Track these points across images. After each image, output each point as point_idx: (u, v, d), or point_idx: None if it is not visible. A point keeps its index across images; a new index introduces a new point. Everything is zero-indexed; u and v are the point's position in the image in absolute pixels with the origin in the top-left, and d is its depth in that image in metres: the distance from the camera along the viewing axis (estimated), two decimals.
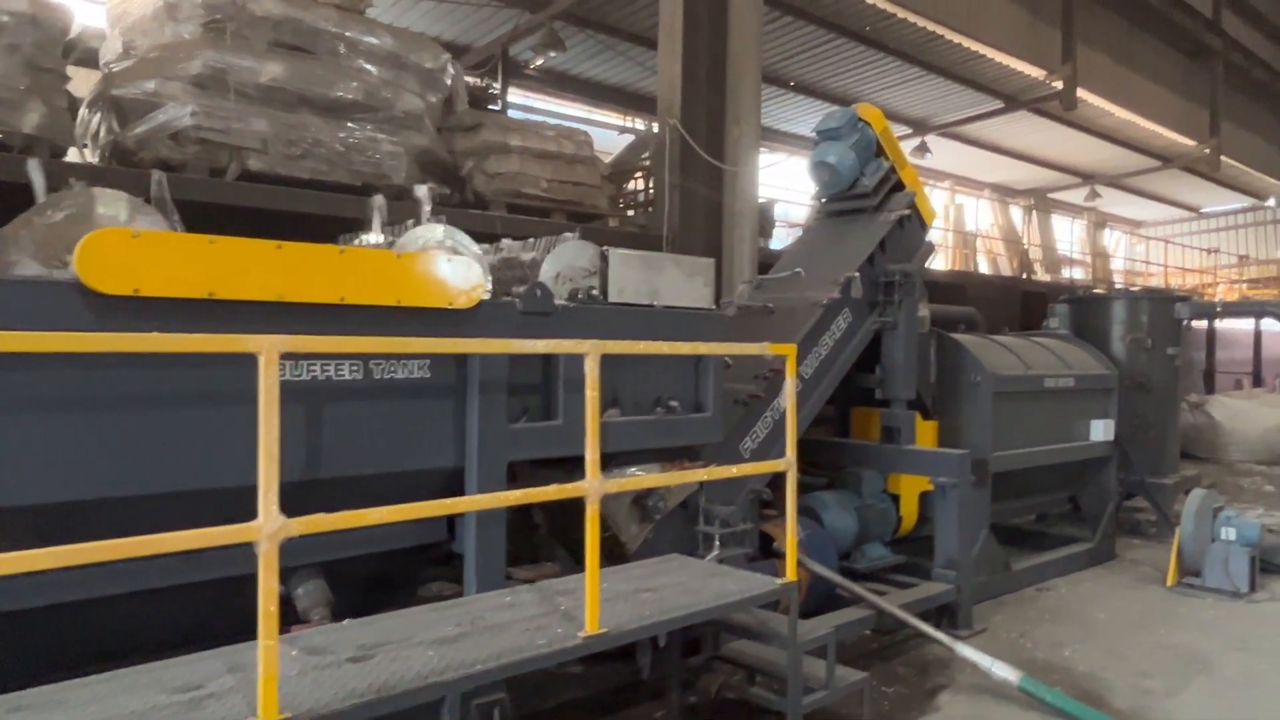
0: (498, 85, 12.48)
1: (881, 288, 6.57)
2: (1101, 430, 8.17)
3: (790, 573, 4.20)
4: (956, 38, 13.73)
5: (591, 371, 3.45)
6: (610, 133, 16.26)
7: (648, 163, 10.33)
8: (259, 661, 2.52)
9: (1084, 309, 10.05)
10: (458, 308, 3.83)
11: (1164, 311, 9.70)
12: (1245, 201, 28.39)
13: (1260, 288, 25.98)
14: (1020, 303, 14.85)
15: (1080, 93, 16.08)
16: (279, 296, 3.34)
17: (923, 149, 18.45)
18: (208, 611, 3.55)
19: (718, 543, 5.15)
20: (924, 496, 6.98)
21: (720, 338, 5.08)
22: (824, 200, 7.31)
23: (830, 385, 6.30)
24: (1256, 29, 22.65)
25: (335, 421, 3.61)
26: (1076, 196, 25.55)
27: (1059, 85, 15.59)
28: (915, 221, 7.06)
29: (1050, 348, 8.23)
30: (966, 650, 5.18)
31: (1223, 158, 21.13)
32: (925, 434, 7.19)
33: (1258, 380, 21.89)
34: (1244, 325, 21.76)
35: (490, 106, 12.15)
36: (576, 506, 5.16)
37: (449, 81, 7.94)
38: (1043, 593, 7.29)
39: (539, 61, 13.84)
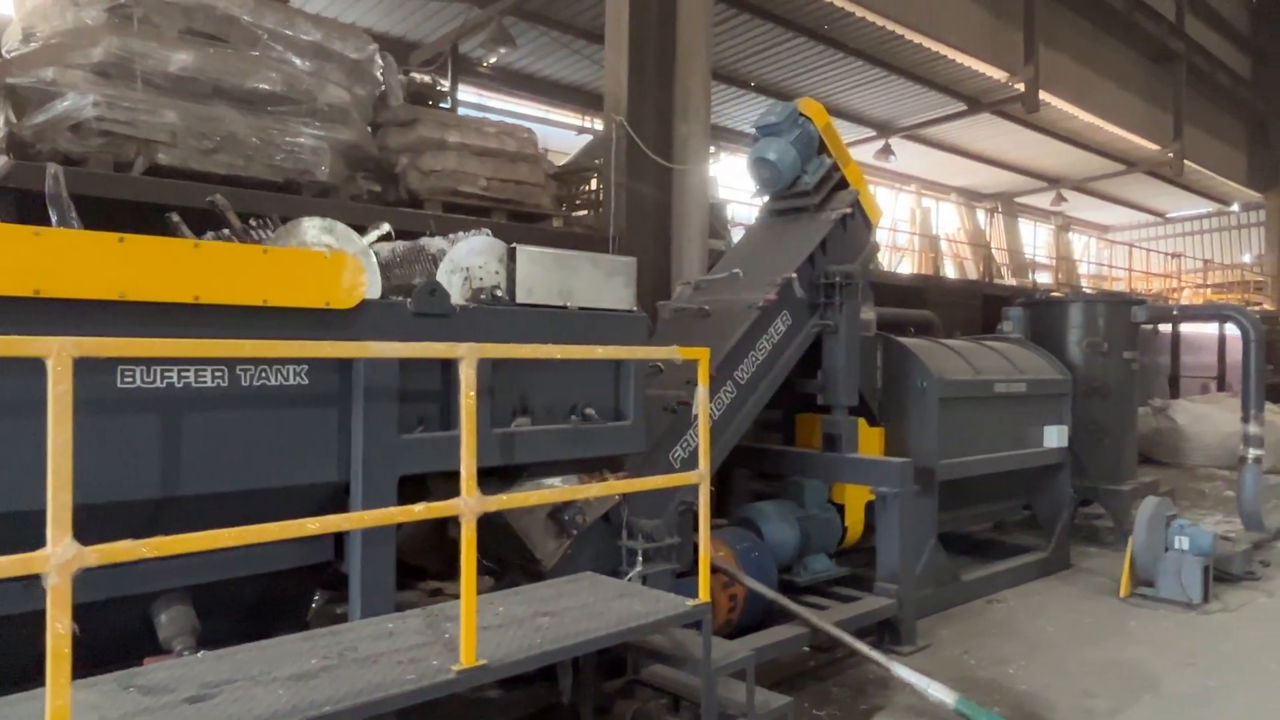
0: (446, 82, 12.14)
1: (822, 289, 6.31)
2: (1055, 436, 7.97)
3: (703, 593, 3.91)
4: (916, 38, 13.56)
5: (467, 378, 3.15)
6: (569, 133, 15.99)
7: (601, 163, 10.05)
8: (46, 712, 2.19)
9: (1040, 313, 9.87)
10: (335, 308, 3.53)
11: (1120, 315, 9.54)
12: (1210, 207, 28.56)
13: (1224, 292, 26.07)
14: (981, 306, 14.70)
15: (1043, 95, 15.99)
16: (121, 295, 3.02)
17: (886, 151, 18.30)
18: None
19: (640, 558, 4.86)
20: (870, 506, 6.73)
21: (639, 341, 4.81)
22: (767, 199, 7.05)
23: (768, 391, 6.03)
24: (1219, 33, 22.77)
25: (199, 433, 3.29)
26: (1043, 201, 25.55)
27: (1021, 87, 15.48)
28: (859, 221, 6.81)
29: (1002, 352, 8.02)
30: (902, 670, 4.91)
31: (1186, 162, 21.17)
32: (871, 441, 6.96)
33: (1223, 384, 21.89)
34: (1210, 329, 21.76)
35: (442, 104, 11.85)
36: (493, 520, 4.90)
37: (379, 74, 7.61)
38: (993, 604, 7.06)
39: (493, 59, 13.53)
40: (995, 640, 6.19)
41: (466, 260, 4.23)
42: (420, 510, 3.10)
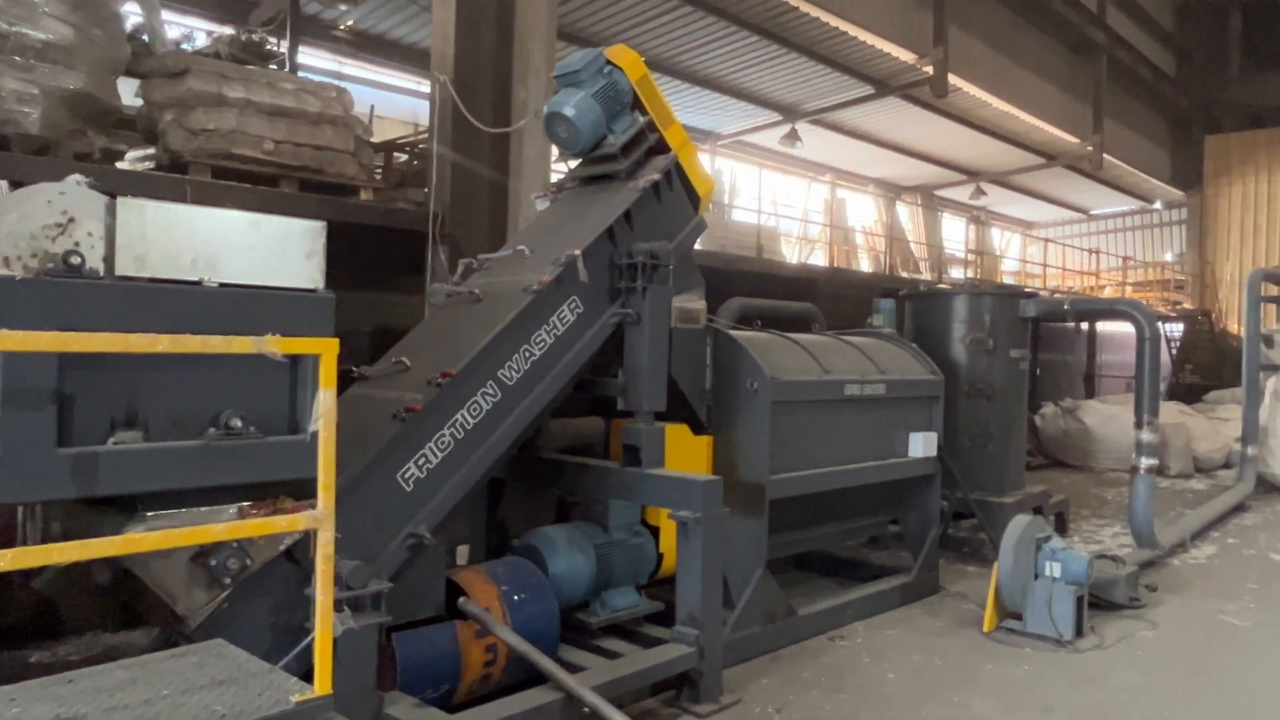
0: (276, 42, 10.85)
1: (624, 271, 5.24)
2: (921, 445, 7.01)
3: (320, 682, 2.81)
4: (814, 11, 12.59)
5: None
6: None
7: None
8: None
9: (922, 306, 8.98)
10: None
11: (1008, 309, 8.67)
12: (1133, 204, 28.23)
13: (1145, 290, 25.70)
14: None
15: (956, 81, 15.20)
16: None
17: (793, 137, 17.36)
18: None
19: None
20: None
21: (323, 330, 3.67)
22: (576, 163, 5.99)
23: (550, 393, 4.95)
24: (1141, 26, 22.27)
25: None
26: (963, 194, 24.94)
27: (930, 70, 14.63)
28: (679, 192, 5.77)
29: (863, 349, 7.04)
30: None
31: (1107, 157, 20.62)
32: (695, 452, 5.92)
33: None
34: (1129, 326, 21.24)
35: (285, 68, 10.61)
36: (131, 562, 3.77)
37: (123, 12, 6.39)
38: (835, 642, 6.07)
39: (348, 21, 12.28)
40: (820, 693, 5.19)
41: (27, 213, 3.06)
42: None
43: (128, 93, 7.02)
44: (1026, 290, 10.39)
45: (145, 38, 6.97)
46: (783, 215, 18.88)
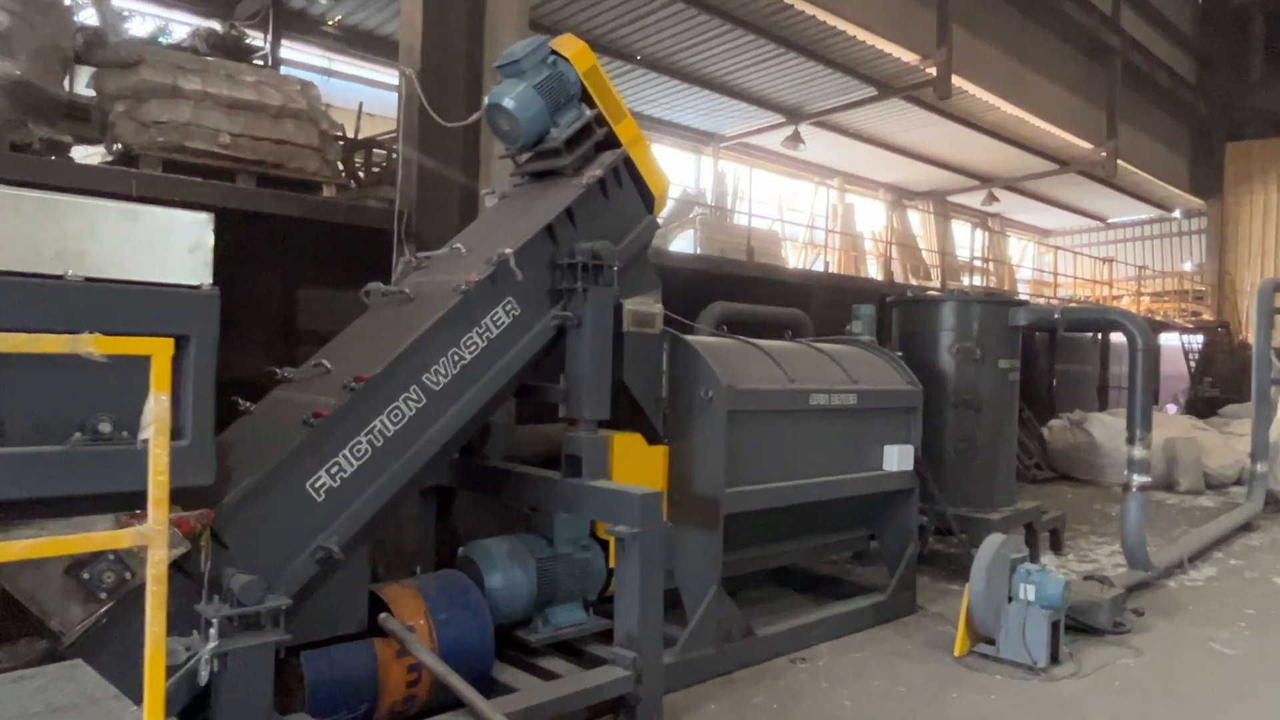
0: (263, 36, 10.68)
1: (565, 272, 4.98)
2: (896, 458, 6.70)
3: (151, 713, 2.56)
4: (810, 9, 12.26)
5: None
6: None
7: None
8: None
9: (907, 313, 8.66)
10: None
11: (997, 318, 8.32)
12: (1152, 212, 27.65)
13: (1162, 301, 25.12)
14: (880, 307, 13.43)
15: (962, 83, 14.84)
16: None
17: (795, 139, 17.02)
18: None
19: (214, 631, 3.50)
20: None
21: (207, 330, 3.42)
22: (523, 159, 5.74)
23: (483, 398, 4.68)
24: (1159, 31, 21.79)
25: None
26: (975, 200, 24.46)
27: (933, 71, 14.26)
28: (630, 190, 5.50)
29: (836, 357, 6.73)
30: None
31: (1124, 165, 20.13)
32: (650, 463, 5.64)
33: (1157, 396, 20.89)
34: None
35: (269, 64, 10.43)
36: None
37: (72, 2, 6.21)
38: (796, 665, 5.77)
39: (336, 16, 12.09)
40: None
41: None
42: None
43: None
44: (1016, 298, 10.02)
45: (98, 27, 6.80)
46: (788, 220, 18.51)
